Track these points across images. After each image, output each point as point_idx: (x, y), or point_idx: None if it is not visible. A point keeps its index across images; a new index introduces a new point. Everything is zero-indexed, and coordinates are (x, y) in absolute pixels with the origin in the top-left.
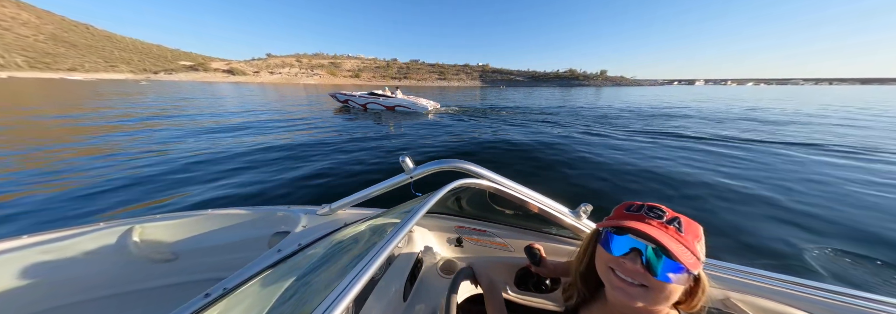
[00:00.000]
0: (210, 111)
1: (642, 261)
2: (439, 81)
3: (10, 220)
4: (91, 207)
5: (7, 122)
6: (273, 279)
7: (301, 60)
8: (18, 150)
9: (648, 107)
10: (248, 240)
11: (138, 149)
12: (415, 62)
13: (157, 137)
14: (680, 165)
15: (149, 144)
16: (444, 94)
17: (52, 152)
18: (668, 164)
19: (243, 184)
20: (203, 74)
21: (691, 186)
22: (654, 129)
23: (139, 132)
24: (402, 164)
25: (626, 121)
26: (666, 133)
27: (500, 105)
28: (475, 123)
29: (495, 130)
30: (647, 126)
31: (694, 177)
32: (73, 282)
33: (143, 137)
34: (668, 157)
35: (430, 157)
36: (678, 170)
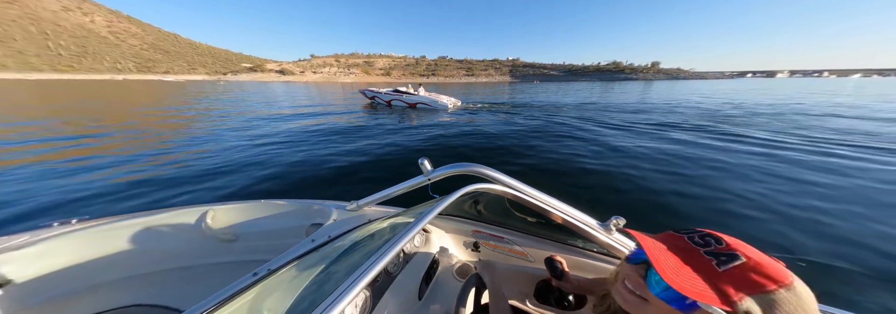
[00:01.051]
0: (277, 105)
1: (645, 273)
2: (467, 77)
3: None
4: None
5: (137, 114)
6: (306, 266)
7: (339, 60)
8: (150, 137)
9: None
10: (290, 228)
11: (236, 135)
12: (443, 59)
13: (246, 124)
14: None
15: (241, 130)
16: (471, 89)
17: (168, 138)
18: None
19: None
20: (260, 75)
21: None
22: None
23: (238, 120)
24: (421, 166)
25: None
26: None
27: (526, 101)
28: (494, 120)
29: (511, 126)
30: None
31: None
32: (161, 252)
33: (241, 125)
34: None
35: (438, 152)
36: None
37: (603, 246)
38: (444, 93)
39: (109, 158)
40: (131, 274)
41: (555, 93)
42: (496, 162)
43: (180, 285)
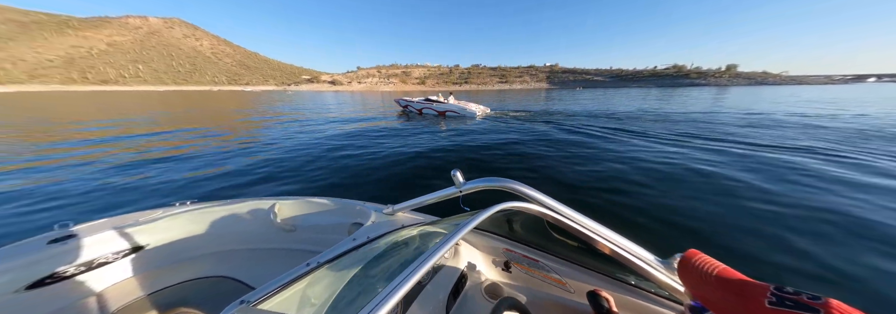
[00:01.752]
0: (328, 110)
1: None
2: (500, 84)
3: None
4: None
5: (230, 116)
6: (347, 263)
7: (380, 71)
8: (240, 134)
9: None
10: (336, 224)
11: (306, 131)
12: (476, 66)
13: (306, 127)
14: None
15: (304, 130)
16: (504, 97)
17: (254, 136)
18: None
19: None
20: (316, 85)
21: None
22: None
23: (301, 121)
24: (453, 178)
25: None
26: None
27: (562, 108)
28: (522, 128)
29: (539, 135)
30: None
31: None
32: (240, 235)
33: (310, 127)
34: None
35: (454, 154)
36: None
37: (662, 286)
38: (476, 100)
39: (211, 151)
40: (217, 250)
41: (600, 100)
42: (519, 176)
43: (249, 264)
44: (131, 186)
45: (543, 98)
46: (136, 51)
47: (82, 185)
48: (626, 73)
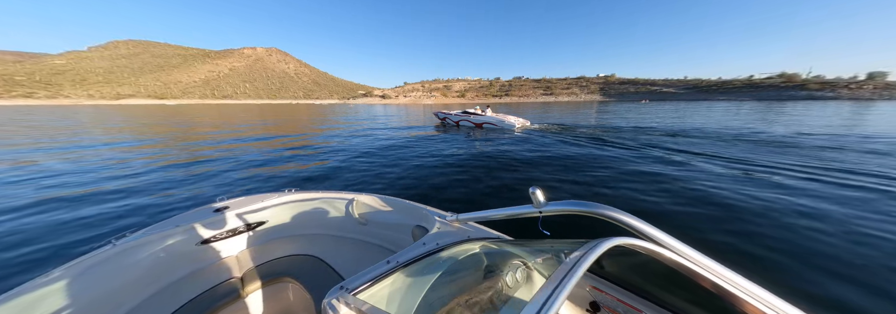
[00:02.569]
0: (380, 120)
1: None
2: (545, 97)
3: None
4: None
5: (310, 123)
6: (424, 269)
7: (424, 85)
8: (322, 139)
9: None
10: (402, 224)
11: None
12: (517, 79)
13: (367, 133)
14: None
15: (365, 136)
16: (548, 109)
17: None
18: None
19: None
20: (369, 99)
21: None
22: None
23: (361, 128)
24: (532, 196)
25: None
26: None
27: (619, 123)
28: (566, 141)
29: (586, 152)
30: None
31: None
32: (326, 221)
33: (364, 135)
34: None
35: (487, 171)
36: None
37: None
38: (516, 113)
39: (293, 151)
40: (308, 232)
41: (674, 114)
42: (562, 196)
43: (330, 247)
44: (257, 174)
45: (596, 111)
46: (246, 73)
47: (229, 171)
48: (708, 83)
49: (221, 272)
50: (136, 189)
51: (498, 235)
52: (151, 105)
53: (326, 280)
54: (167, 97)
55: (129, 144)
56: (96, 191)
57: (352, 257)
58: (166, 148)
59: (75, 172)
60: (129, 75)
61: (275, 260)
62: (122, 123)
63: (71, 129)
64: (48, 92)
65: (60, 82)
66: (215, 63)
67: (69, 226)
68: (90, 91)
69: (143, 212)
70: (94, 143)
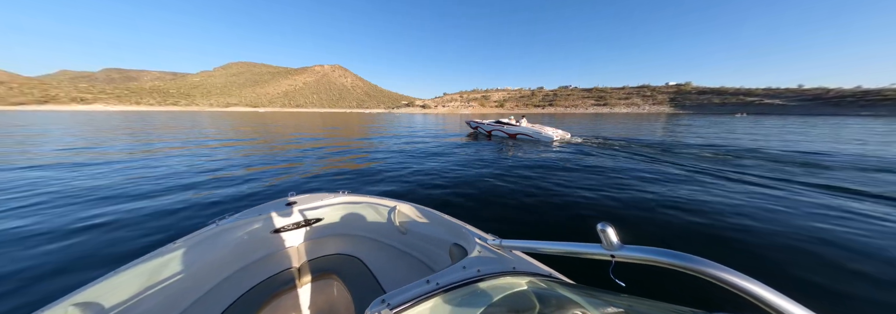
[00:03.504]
0: (415, 126)
1: None
2: (597, 108)
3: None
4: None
5: (361, 129)
6: (465, 299)
7: (462, 96)
8: (370, 144)
9: None
10: (439, 239)
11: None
12: (564, 88)
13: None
14: None
15: (409, 138)
16: (600, 121)
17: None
18: None
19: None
20: (410, 109)
21: None
22: None
23: (402, 134)
24: (601, 234)
25: None
26: None
27: (700, 141)
28: (617, 159)
29: (647, 174)
30: None
31: None
32: (368, 225)
33: (405, 141)
34: None
35: (516, 187)
36: None
37: None
38: (560, 124)
39: (350, 152)
40: (353, 233)
41: (795, 132)
42: (576, 223)
43: (371, 251)
44: (320, 174)
45: (664, 124)
46: (315, 86)
47: (300, 167)
48: (839, 93)
49: (284, 260)
50: (231, 178)
51: (549, 272)
52: (248, 111)
53: (365, 283)
54: (259, 105)
55: (235, 141)
56: (222, 177)
57: (390, 264)
58: (257, 144)
59: (198, 164)
60: (236, 88)
61: (324, 256)
62: (230, 126)
63: (197, 127)
64: (186, 101)
65: (194, 94)
66: (293, 78)
67: (197, 206)
68: (211, 100)
69: (240, 196)
70: (208, 139)
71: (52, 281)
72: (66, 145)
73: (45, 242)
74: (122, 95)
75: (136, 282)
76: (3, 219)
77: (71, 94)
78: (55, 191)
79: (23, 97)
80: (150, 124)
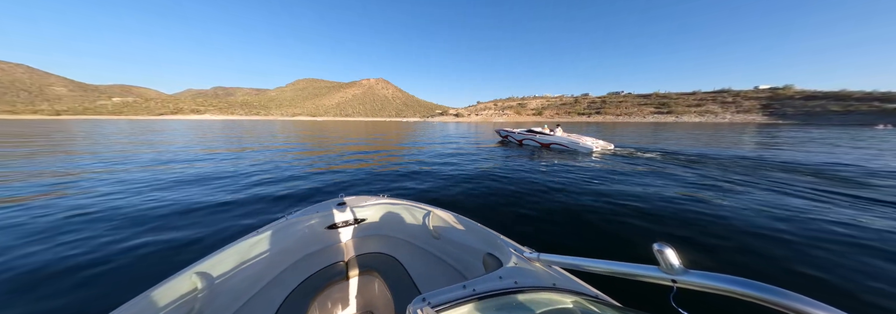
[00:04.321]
0: (449, 133)
1: None
2: (658, 116)
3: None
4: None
5: (400, 135)
6: (503, 309)
7: (497, 104)
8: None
9: None
10: (472, 248)
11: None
12: (614, 94)
13: (444, 138)
14: None
15: (443, 144)
16: (660, 131)
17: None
18: None
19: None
20: (444, 117)
21: None
22: None
23: (436, 138)
24: (658, 255)
25: None
26: None
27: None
28: (682, 178)
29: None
30: None
31: None
32: (403, 227)
33: (440, 142)
34: None
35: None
36: None
37: None
38: (611, 135)
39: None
40: (390, 234)
41: None
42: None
43: (408, 253)
44: (365, 177)
45: (755, 136)
46: (361, 98)
47: (349, 170)
48: None
49: (336, 254)
50: (294, 177)
51: (596, 294)
52: (308, 120)
53: (403, 282)
54: (317, 115)
55: (301, 146)
56: (288, 176)
57: (425, 267)
58: (316, 147)
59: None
60: (300, 100)
61: (368, 253)
62: (295, 132)
63: (270, 132)
64: (264, 111)
65: (270, 106)
66: (345, 91)
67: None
68: (282, 111)
69: (301, 195)
70: (278, 142)
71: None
72: (202, 145)
73: (232, 210)
74: (223, 107)
75: (232, 260)
76: (209, 195)
77: (191, 107)
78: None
79: (163, 109)
80: (241, 130)
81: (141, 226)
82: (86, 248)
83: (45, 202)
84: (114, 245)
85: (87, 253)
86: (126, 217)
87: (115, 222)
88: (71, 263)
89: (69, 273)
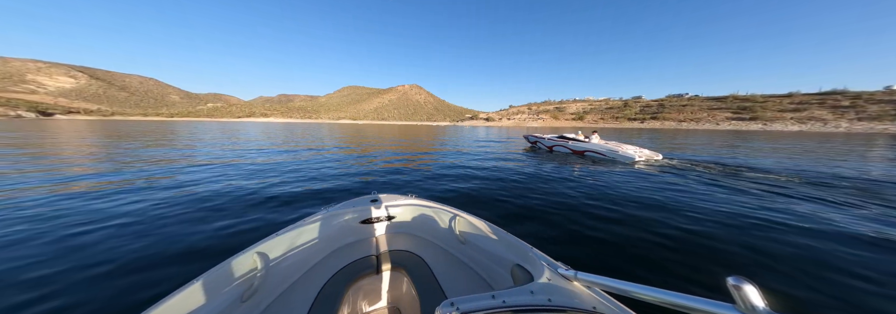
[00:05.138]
0: (478, 137)
1: None
2: (738, 122)
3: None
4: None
5: (430, 137)
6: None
7: (531, 108)
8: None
9: None
10: (499, 257)
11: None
12: (676, 97)
13: (472, 141)
14: None
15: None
16: (741, 140)
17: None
18: None
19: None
20: (474, 121)
21: None
22: None
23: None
24: (734, 292)
25: None
26: None
27: None
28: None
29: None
30: None
31: None
32: (428, 227)
33: (471, 144)
34: None
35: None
36: None
37: None
38: (659, 140)
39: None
40: (417, 234)
41: None
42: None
43: (434, 254)
44: (395, 178)
45: (892, 151)
46: (396, 103)
47: (381, 170)
48: None
49: (368, 248)
50: (335, 175)
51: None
52: (349, 123)
53: (428, 283)
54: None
55: (343, 145)
56: (341, 173)
57: (450, 270)
58: (357, 147)
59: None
60: (344, 106)
61: (396, 251)
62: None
63: (316, 133)
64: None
65: (320, 111)
66: (382, 97)
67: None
68: (329, 115)
69: (338, 191)
70: (325, 142)
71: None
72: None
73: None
74: (284, 112)
75: (284, 245)
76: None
77: (261, 111)
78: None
79: (241, 113)
80: (298, 131)
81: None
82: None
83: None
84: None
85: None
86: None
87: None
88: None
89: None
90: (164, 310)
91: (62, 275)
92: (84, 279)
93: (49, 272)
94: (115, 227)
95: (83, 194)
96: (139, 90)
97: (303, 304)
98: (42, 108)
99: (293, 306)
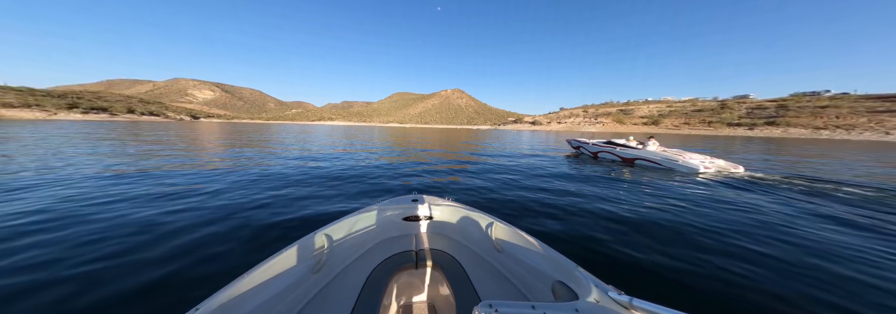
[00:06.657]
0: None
1: None
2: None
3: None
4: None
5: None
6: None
7: (587, 111)
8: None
9: None
10: (539, 271)
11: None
12: (806, 95)
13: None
14: None
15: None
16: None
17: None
18: None
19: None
20: (518, 125)
21: None
22: None
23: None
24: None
25: None
26: None
27: None
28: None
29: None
30: None
31: None
32: (463, 231)
33: (510, 146)
34: None
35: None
36: None
37: None
38: (793, 154)
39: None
40: (456, 237)
41: None
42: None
43: (470, 258)
44: (434, 182)
45: None
46: (439, 107)
47: (423, 171)
48: None
49: (408, 243)
50: (382, 174)
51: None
52: (396, 126)
53: (463, 286)
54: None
55: (392, 147)
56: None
57: (485, 277)
58: (396, 148)
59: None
60: (393, 110)
61: (434, 250)
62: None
63: (360, 136)
64: (369, 119)
65: (372, 115)
66: (426, 102)
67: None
68: (380, 119)
69: (389, 187)
70: (374, 145)
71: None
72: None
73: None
74: (345, 116)
75: (343, 230)
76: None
77: (328, 116)
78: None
79: (314, 117)
80: (358, 133)
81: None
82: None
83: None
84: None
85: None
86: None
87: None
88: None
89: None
90: (266, 270)
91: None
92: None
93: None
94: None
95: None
96: (249, 99)
97: (355, 286)
98: (194, 113)
99: (349, 285)
